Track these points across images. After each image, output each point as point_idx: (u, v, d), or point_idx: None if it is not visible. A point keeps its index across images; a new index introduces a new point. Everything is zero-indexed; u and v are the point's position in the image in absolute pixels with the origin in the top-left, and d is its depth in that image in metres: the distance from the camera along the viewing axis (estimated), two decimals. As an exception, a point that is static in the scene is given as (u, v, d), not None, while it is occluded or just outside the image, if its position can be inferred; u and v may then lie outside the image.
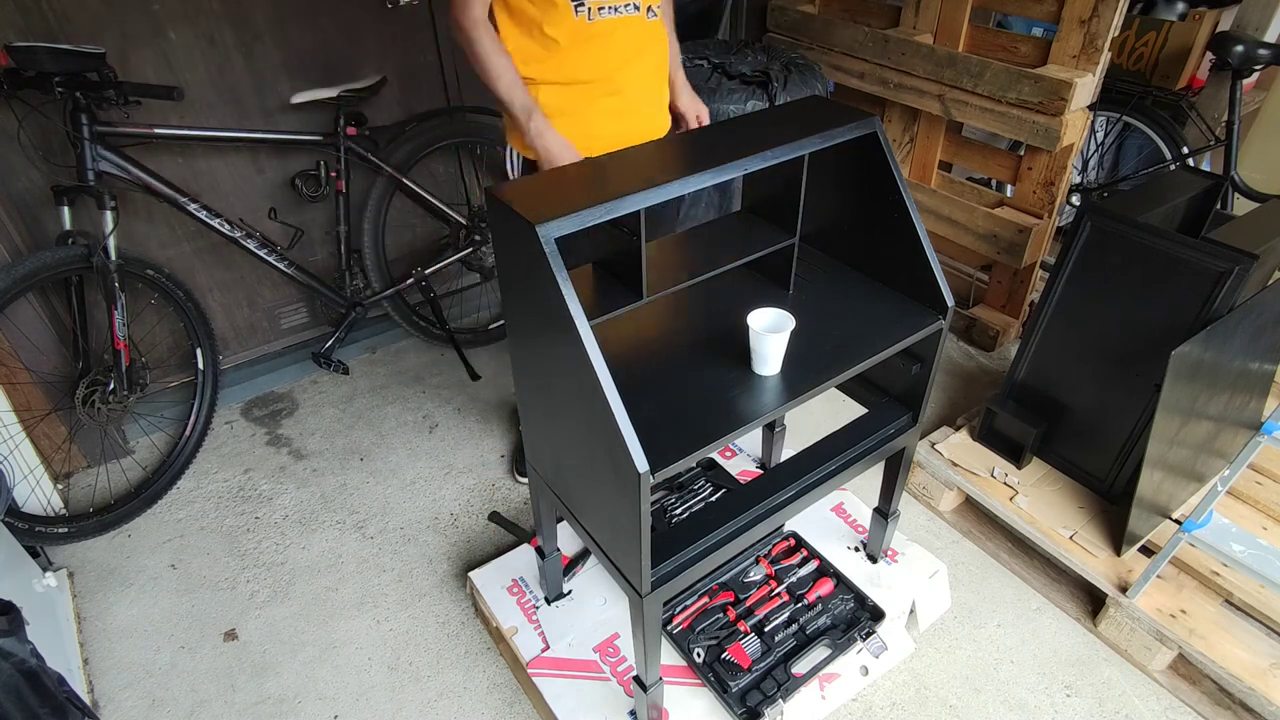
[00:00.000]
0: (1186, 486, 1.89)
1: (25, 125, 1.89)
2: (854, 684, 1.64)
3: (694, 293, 1.42)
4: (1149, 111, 2.88)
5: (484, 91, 2.73)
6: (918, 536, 2.03)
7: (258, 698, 1.70)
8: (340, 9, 2.27)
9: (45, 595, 1.78)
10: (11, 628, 1.13)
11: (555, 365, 1.11)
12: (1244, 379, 1.86)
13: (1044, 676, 1.72)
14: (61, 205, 1.89)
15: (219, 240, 2.28)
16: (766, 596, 1.71)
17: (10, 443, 1.96)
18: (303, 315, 2.68)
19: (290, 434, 2.42)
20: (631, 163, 1.18)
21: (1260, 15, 2.75)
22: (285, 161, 2.38)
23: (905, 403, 1.52)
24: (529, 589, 1.76)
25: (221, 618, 1.87)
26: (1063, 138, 2.24)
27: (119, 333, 1.98)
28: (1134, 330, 1.75)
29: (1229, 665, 1.58)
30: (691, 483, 1.95)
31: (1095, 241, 1.77)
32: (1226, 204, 2.62)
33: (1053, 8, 2.23)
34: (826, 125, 1.23)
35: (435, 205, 2.51)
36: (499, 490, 2.21)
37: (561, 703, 1.54)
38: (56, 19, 1.91)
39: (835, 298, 1.40)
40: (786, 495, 1.36)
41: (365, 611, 1.88)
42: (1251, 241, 1.58)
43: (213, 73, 2.16)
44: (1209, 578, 1.72)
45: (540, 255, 0.98)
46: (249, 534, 2.08)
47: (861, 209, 1.39)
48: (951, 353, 2.72)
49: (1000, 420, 2.05)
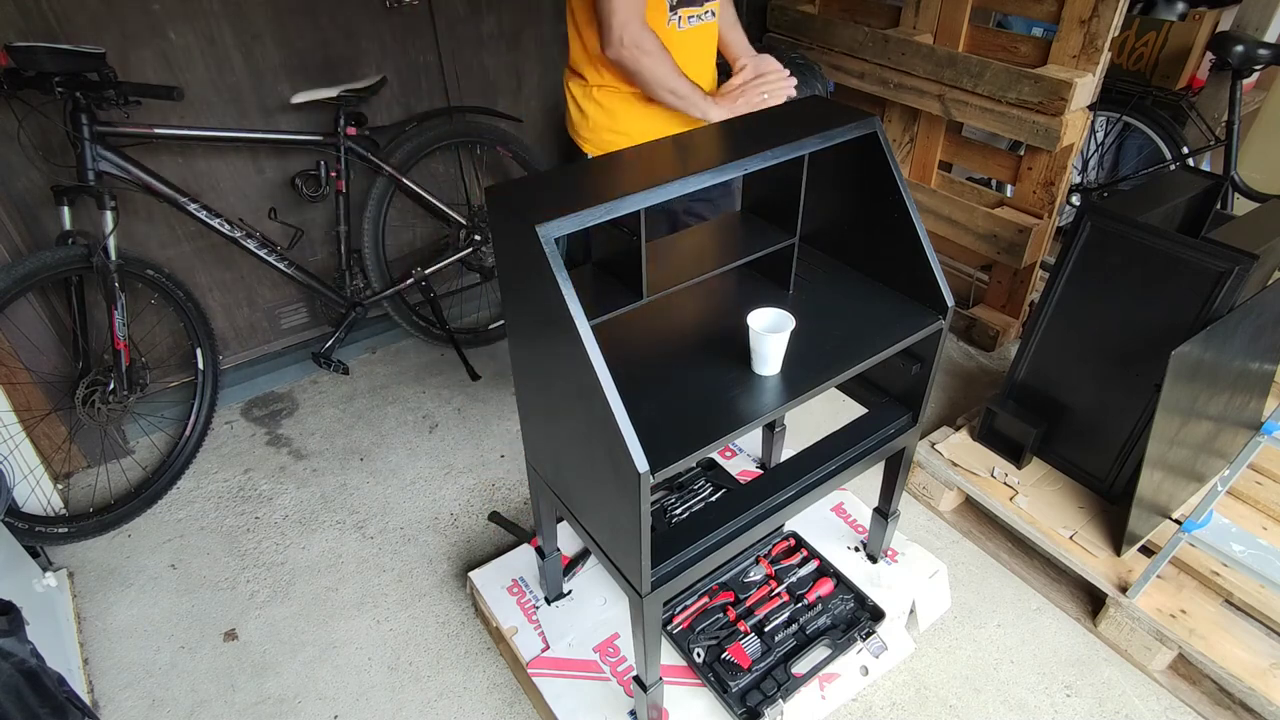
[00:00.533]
0: (1186, 486, 1.89)
1: (25, 125, 1.89)
2: (854, 684, 1.64)
3: (694, 293, 1.42)
4: (1149, 111, 2.88)
5: (483, 91, 2.73)
6: (918, 536, 2.03)
7: (258, 698, 1.70)
8: (340, 9, 2.27)
9: (45, 595, 1.78)
10: (11, 628, 1.13)
11: (555, 365, 1.11)
12: (1244, 379, 1.86)
13: (1044, 676, 1.72)
14: (61, 205, 1.89)
15: (219, 240, 2.28)
16: (766, 596, 1.71)
17: (10, 443, 1.96)
18: (303, 315, 2.69)
19: (290, 434, 2.42)
20: (631, 163, 1.18)
21: (1260, 15, 2.75)
22: (285, 161, 2.38)
23: (905, 403, 1.52)
24: (529, 589, 1.76)
25: (221, 618, 1.87)
26: (1063, 138, 2.24)
27: (119, 333, 1.98)
28: (1134, 330, 1.75)
29: (1229, 665, 1.58)
30: (691, 483, 1.95)
31: (1095, 241, 1.77)
32: (1226, 204, 2.62)
33: (1053, 8, 2.23)
34: (826, 125, 1.23)
35: (435, 205, 2.51)
36: (499, 490, 2.21)
37: (561, 703, 1.54)
38: (56, 19, 1.91)
39: (835, 298, 1.40)
40: (786, 495, 1.36)
41: (365, 611, 1.88)
42: (1251, 241, 1.58)
43: (213, 73, 2.16)
44: (1209, 578, 1.72)
45: (540, 255, 0.98)
46: (249, 534, 2.08)
47: (861, 209, 1.39)
48: (951, 353, 2.72)
49: (1000, 420, 2.05)
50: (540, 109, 2.89)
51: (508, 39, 2.66)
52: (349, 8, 2.29)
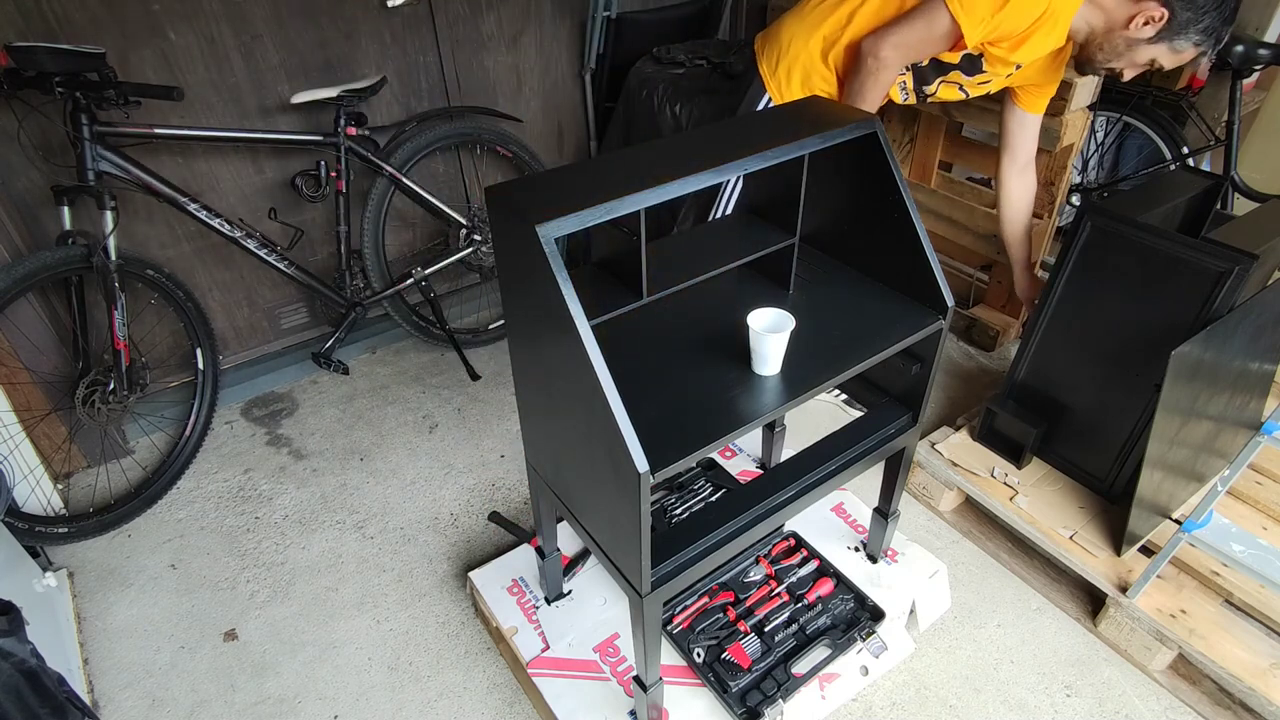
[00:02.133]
0: (1186, 486, 1.89)
1: (25, 125, 1.89)
2: (854, 684, 1.64)
3: (694, 293, 1.42)
4: (1149, 111, 2.88)
5: (483, 91, 2.73)
6: (918, 536, 2.03)
7: (258, 698, 1.70)
8: (340, 9, 2.27)
9: (45, 595, 1.78)
10: (11, 628, 1.13)
11: (555, 365, 1.11)
12: (1244, 379, 1.86)
13: (1044, 676, 1.72)
14: (61, 205, 1.89)
15: (219, 240, 2.28)
16: (766, 596, 1.71)
17: (10, 443, 1.96)
18: (303, 315, 2.69)
19: (290, 434, 2.42)
20: (631, 163, 1.18)
21: (1260, 15, 2.75)
22: (285, 161, 2.38)
23: (905, 403, 1.52)
24: (529, 589, 1.76)
25: (221, 618, 1.87)
26: (1063, 138, 2.24)
27: (119, 333, 1.98)
28: (1134, 330, 1.75)
29: (1229, 665, 1.58)
30: (691, 483, 1.95)
31: (1095, 241, 1.77)
32: (1226, 204, 2.62)
33: (1053, 8, 2.22)
34: (826, 125, 1.23)
35: (435, 205, 2.51)
36: (499, 490, 2.21)
37: (561, 703, 1.54)
38: (56, 19, 1.90)
39: (835, 298, 1.40)
40: (786, 495, 1.36)
41: (365, 611, 1.88)
42: (1251, 241, 1.58)
43: (213, 73, 2.16)
44: (1209, 578, 1.72)
45: (540, 255, 0.98)
46: (249, 534, 2.08)
47: (861, 209, 1.39)
48: (951, 353, 2.71)
49: (1000, 420, 2.05)
50: (540, 109, 2.89)
51: (508, 39, 2.66)
52: (349, 8, 2.29)
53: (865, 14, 1.77)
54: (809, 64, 1.84)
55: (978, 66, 1.78)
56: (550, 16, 2.71)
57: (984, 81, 1.85)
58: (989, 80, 1.85)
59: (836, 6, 1.81)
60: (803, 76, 1.86)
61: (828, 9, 1.82)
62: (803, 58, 1.85)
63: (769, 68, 1.91)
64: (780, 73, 1.88)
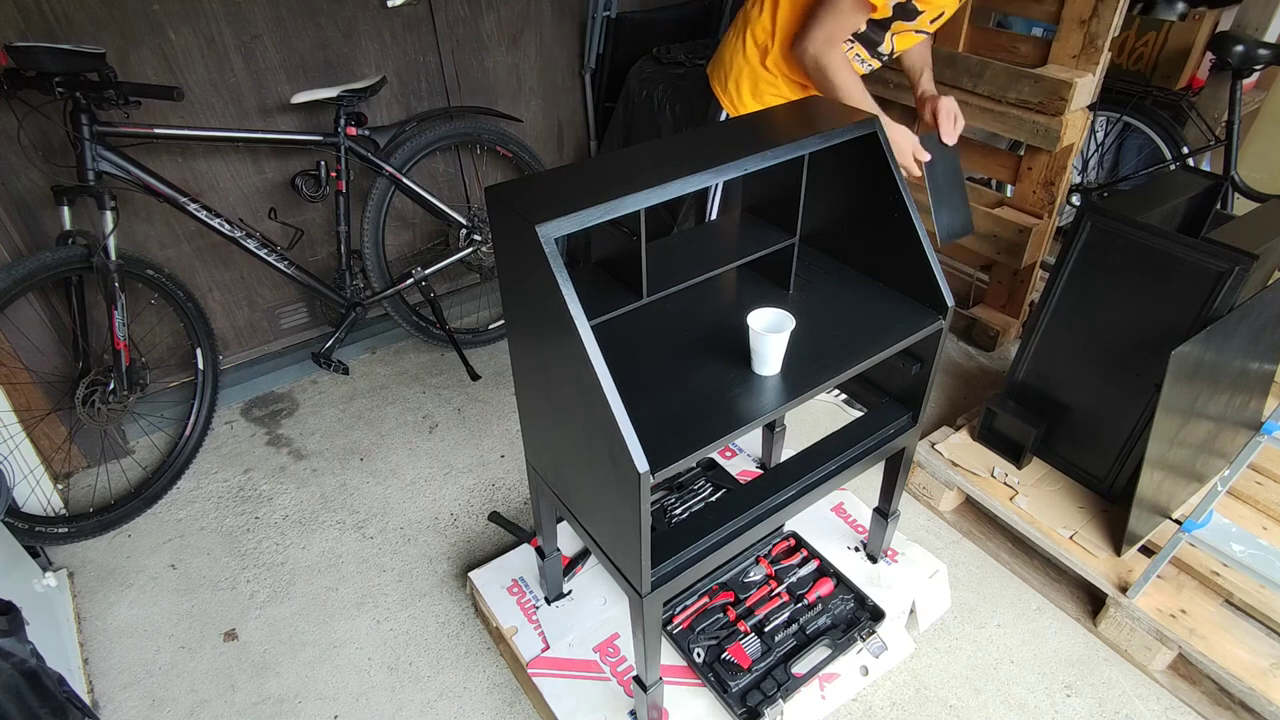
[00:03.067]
0: (1186, 486, 1.89)
1: (25, 125, 1.89)
2: (854, 684, 1.64)
3: (694, 293, 1.42)
4: (1149, 111, 2.88)
5: (483, 91, 2.73)
6: (918, 536, 2.03)
7: (258, 698, 1.70)
8: (340, 9, 2.28)
9: (45, 595, 1.78)
10: (11, 628, 1.13)
11: (555, 365, 1.11)
12: (1244, 379, 1.86)
13: (1044, 676, 1.72)
14: (61, 205, 1.89)
15: (219, 240, 2.29)
16: (766, 596, 1.71)
17: (10, 443, 1.96)
18: (303, 315, 2.69)
19: (290, 434, 2.42)
20: (631, 163, 1.18)
21: (1260, 15, 2.75)
22: (285, 161, 2.38)
23: (905, 403, 1.52)
24: (529, 589, 1.76)
25: (221, 618, 1.87)
26: (1063, 138, 2.24)
27: (119, 333, 1.98)
28: (1134, 330, 1.75)
29: (1229, 665, 1.58)
30: (691, 483, 1.95)
31: (1095, 241, 1.77)
32: (1226, 204, 2.62)
33: (1053, 8, 2.23)
34: (826, 125, 1.23)
35: (435, 205, 2.51)
36: (499, 490, 2.21)
37: (561, 703, 1.54)
38: (56, 19, 1.91)
39: (835, 298, 1.40)
40: (786, 495, 1.36)
41: (365, 611, 1.88)
42: (1251, 241, 1.58)
43: (213, 73, 2.16)
44: (1209, 578, 1.72)
45: (540, 255, 0.98)
46: (249, 534, 2.08)
47: (861, 209, 1.39)
48: (951, 353, 2.72)
49: (1000, 420, 2.05)
50: (540, 109, 2.89)
51: (508, 39, 2.66)
52: (349, 8, 2.29)
53: (784, 16, 1.80)
54: (753, 74, 1.88)
55: (911, 11, 1.76)
56: (550, 16, 2.71)
57: (935, 18, 1.82)
58: (939, 15, 1.82)
59: (760, 15, 1.85)
60: (751, 86, 1.90)
61: (753, 18, 1.86)
62: (746, 69, 1.89)
63: (720, 86, 1.96)
64: (730, 88, 1.93)
